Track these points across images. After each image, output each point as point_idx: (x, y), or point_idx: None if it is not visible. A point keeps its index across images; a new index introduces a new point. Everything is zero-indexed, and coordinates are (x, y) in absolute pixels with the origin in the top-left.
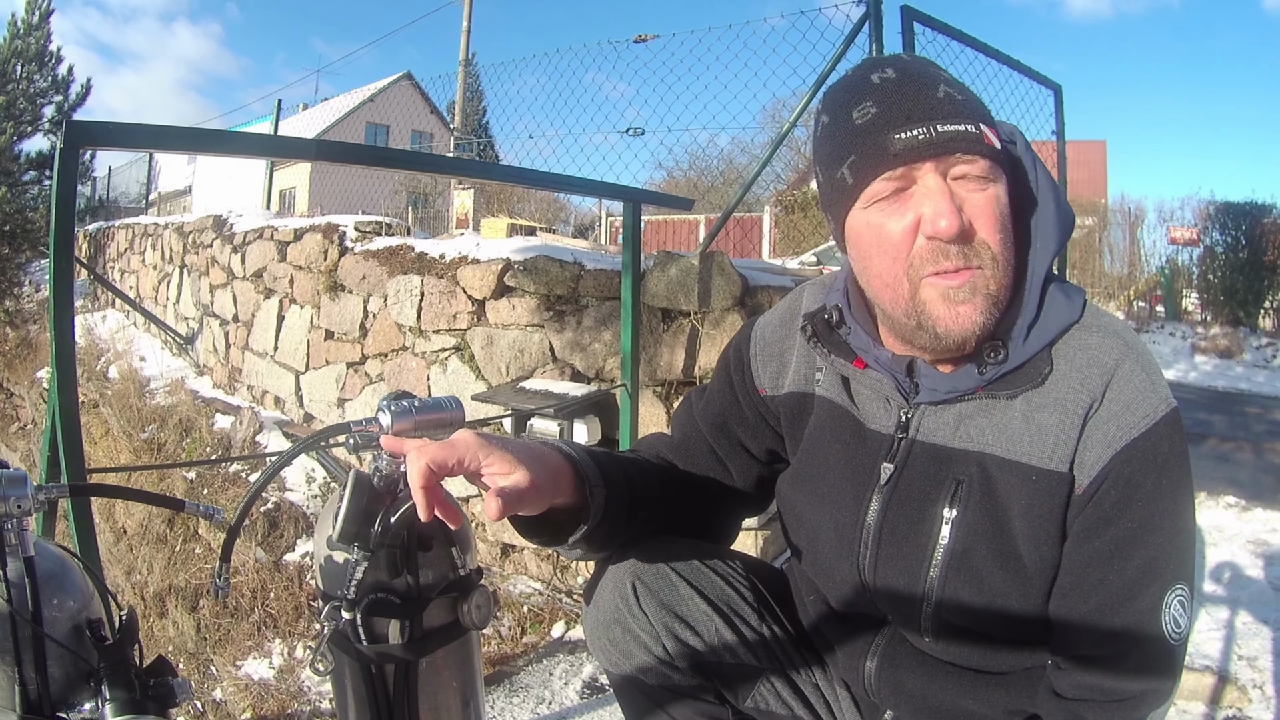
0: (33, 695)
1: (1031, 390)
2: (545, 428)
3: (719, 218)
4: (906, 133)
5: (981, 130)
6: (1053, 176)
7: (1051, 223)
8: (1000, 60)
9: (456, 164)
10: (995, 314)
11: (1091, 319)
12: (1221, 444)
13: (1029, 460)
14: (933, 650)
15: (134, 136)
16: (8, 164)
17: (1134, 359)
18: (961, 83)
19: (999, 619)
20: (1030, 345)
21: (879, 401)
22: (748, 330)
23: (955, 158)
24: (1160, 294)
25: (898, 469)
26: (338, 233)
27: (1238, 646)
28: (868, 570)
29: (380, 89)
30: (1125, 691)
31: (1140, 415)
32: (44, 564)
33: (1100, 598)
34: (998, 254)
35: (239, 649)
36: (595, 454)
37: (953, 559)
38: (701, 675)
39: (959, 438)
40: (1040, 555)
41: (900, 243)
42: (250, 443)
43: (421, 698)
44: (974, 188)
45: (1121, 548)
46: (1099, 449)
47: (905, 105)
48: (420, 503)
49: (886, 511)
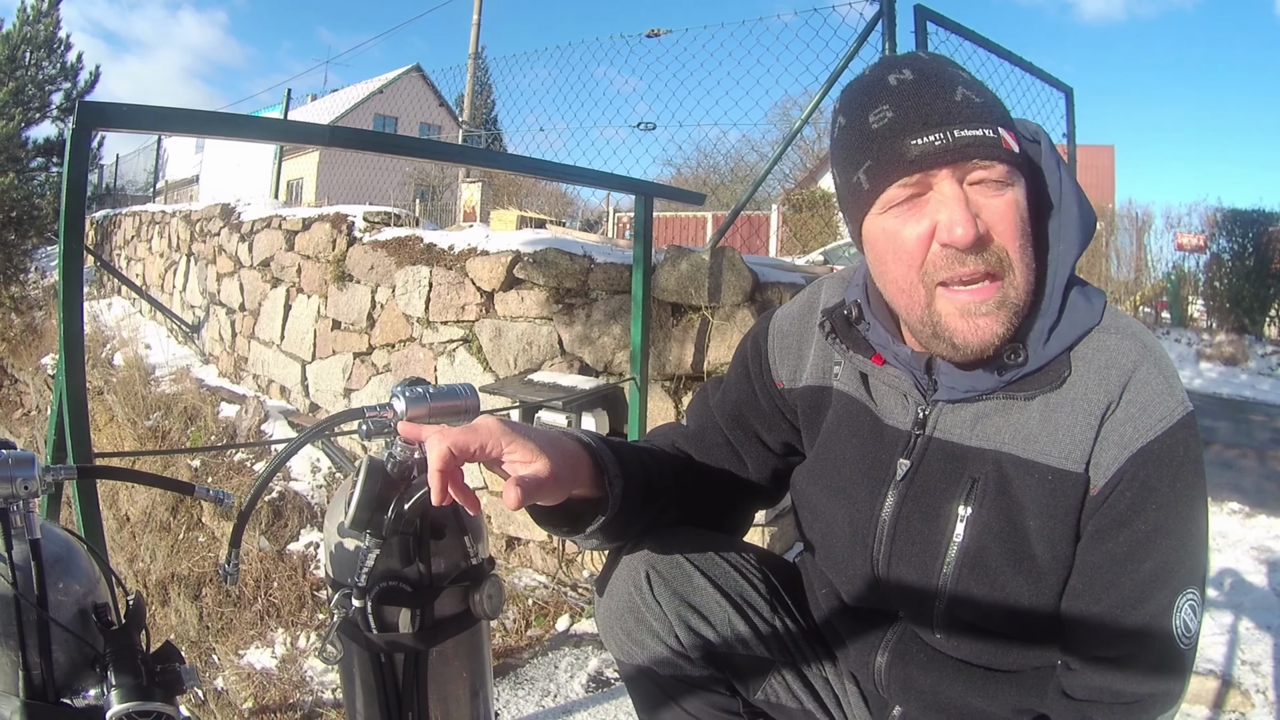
0: (36, 680)
1: (1050, 392)
2: (553, 420)
3: (729, 214)
4: (923, 138)
5: (1000, 134)
6: (1075, 178)
7: (1074, 225)
8: (1012, 61)
9: (467, 152)
10: (1016, 322)
11: (1111, 321)
12: (1226, 451)
13: (1045, 460)
14: (943, 647)
15: (146, 118)
16: (15, 150)
17: (1152, 362)
18: (981, 82)
19: (1011, 617)
20: (1050, 348)
21: (897, 398)
22: (765, 323)
23: (972, 163)
24: (1166, 300)
25: (914, 465)
26: (346, 223)
27: (1241, 651)
28: (881, 565)
29: (389, 81)
30: (1134, 694)
31: (1157, 418)
32: (50, 547)
33: (1112, 599)
34: (1015, 260)
35: (241, 638)
36: (613, 444)
37: (966, 556)
38: (713, 666)
39: (976, 436)
40: (1054, 555)
41: (915, 249)
42: (255, 432)
43: (431, 688)
44: (991, 193)
45: (1135, 550)
46: (1115, 450)
47: (922, 110)
48: (435, 486)
49: (902, 507)
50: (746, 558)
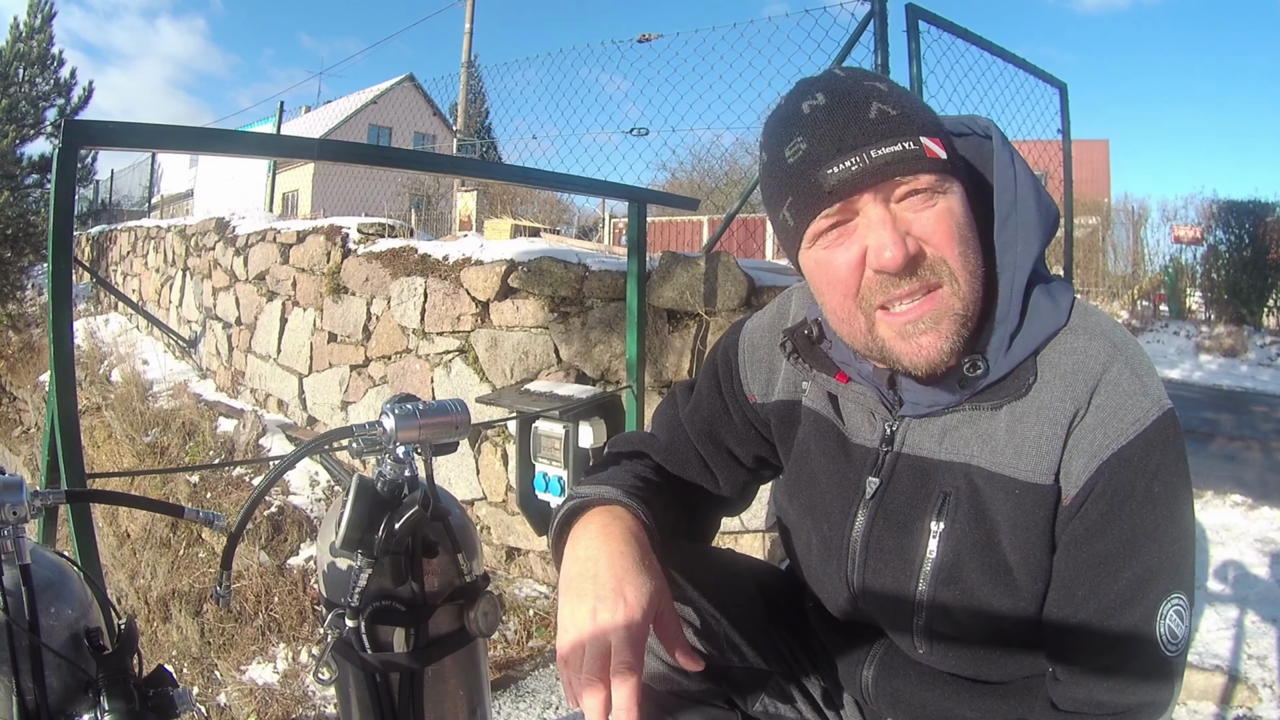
0: (30, 706)
1: (1016, 401)
2: (550, 430)
3: (723, 219)
4: (838, 166)
5: (922, 144)
6: (1032, 170)
7: (1032, 223)
8: (1005, 58)
9: (459, 162)
10: (965, 332)
11: (1079, 321)
12: (1228, 443)
13: (1012, 473)
14: (928, 660)
15: (133, 136)
16: (10, 167)
17: (1123, 361)
18: (901, 90)
19: (991, 630)
20: (1013, 355)
21: (864, 414)
22: (735, 335)
23: (893, 181)
24: (1164, 293)
25: (883, 483)
26: (340, 235)
27: (1247, 646)
28: (856, 584)
29: (383, 91)
30: (1120, 704)
31: (1129, 422)
32: (41, 572)
33: (1093, 608)
34: (956, 268)
35: (243, 654)
36: (646, 500)
37: (941, 572)
38: (711, 681)
39: (944, 450)
40: (1029, 568)
41: (848, 278)
42: (253, 446)
43: (428, 707)
44: (921, 205)
45: (1111, 559)
46: (1085, 459)
47: (835, 135)
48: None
49: (872, 527)
50: (741, 570)
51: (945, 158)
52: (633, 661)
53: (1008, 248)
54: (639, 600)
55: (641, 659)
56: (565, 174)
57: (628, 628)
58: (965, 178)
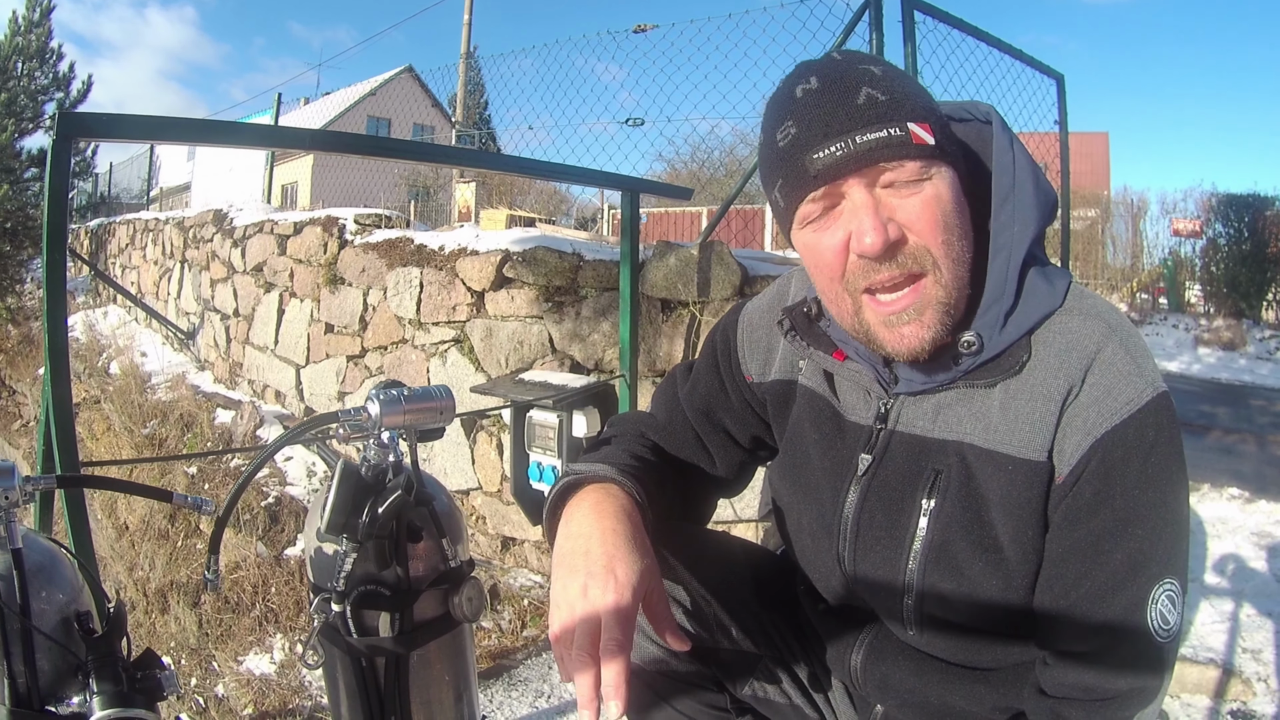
0: (22, 688)
1: (1009, 379)
2: (545, 420)
3: (719, 208)
4: (824, 150)
5: (909, 129)
6: (1031, 156)
7: (1029, 204)
8: (1002, 49)
9: (453, 153)
10: (949, 320)
11: (1074, 303)
12: (1225, 436)
13: (1005, 449)
14: (918, 644)
15: (128, 127)
16: (9, 161)
17: (1117, 342)
18: (896, 74)
19: (981, 611)
20: (1008, 334)
21: (859, 393)
22: (735, 315)
23: (879, 167)
24: (1163, 286)
25: (876, 460)
26: (337, 226)
27: (1242, 639)
28: (848, 563)
29: (382, 83)
30: (1109, 690)
31: (1123, 401)
32: (32, 556)
33: (1083, 592)
34: (940, 256)
35: (241, 644)
36: (644, 481)
37: (931, 550)
38: (700, 663)
39: (938, 428)
40: (1020, 546)
41: (834, 261)
42: (251, 437)
43: (413, 691)
44: (906, 192)
45: (1103, 540)
46: (1078, 437)
47: (823, 120)
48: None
49: (864, 504)
50: (734, 553)
51: (933, 143)
52: (622, 640)
53: (1004, 229)
54: (629, 578)
55: (630, 637)
56: (559, 164)
57: (617, 605)
58: (959, 163)
